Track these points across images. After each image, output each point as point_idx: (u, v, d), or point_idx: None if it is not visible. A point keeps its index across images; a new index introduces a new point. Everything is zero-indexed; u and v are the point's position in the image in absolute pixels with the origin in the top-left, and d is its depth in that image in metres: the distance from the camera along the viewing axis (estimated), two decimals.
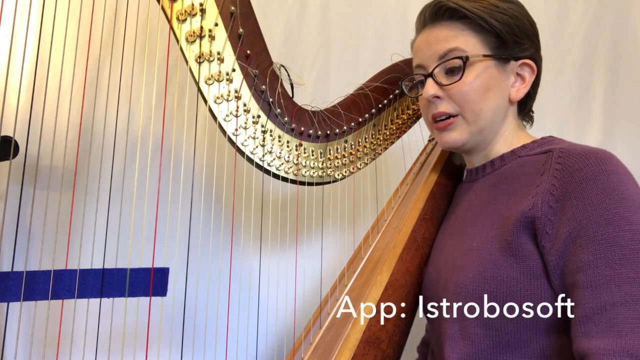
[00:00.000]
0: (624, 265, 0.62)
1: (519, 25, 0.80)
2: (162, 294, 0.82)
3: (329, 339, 0.81)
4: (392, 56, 0.95)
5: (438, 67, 0.80)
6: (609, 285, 0.62)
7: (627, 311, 0.60)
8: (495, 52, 0.79)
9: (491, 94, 0.80)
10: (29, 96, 0.89)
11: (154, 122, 1.05)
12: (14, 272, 0.75)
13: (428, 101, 0.82)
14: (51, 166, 1.12)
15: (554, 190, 0.69)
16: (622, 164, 0.69)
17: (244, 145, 0.87)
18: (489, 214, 0.77)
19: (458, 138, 0.82)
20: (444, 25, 0.81)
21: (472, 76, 0.79)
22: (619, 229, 0.63)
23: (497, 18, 0.79)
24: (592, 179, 0.66)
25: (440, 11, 0.80)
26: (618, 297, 0.61)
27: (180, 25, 0.83)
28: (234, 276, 1.05)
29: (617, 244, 0.63)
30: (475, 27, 0.79)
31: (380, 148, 1.00)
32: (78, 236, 1.04)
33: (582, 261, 0.64)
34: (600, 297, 0.62)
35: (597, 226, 0.64)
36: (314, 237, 1.08)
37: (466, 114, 0.80)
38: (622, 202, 0.64)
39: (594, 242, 0.64)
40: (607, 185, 0.65)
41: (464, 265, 0.74)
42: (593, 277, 0.63)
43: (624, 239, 0.63)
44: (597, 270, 0.63)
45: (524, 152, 0.80)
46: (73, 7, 0.98)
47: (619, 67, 1.45)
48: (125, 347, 0.91)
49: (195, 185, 1.13)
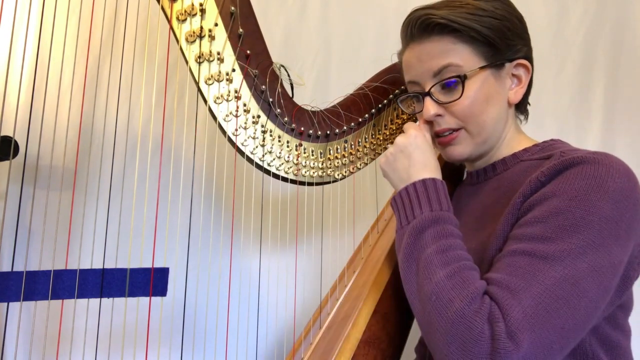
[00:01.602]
0: (557, 231, 0.62)
1: (509, 27, 0.78)
2: (162, 294, 0.82)
3: (329, 339, 0.81)
4: (392, 56, 0.94)
5: (435, 85, 0.78)
6: (532, 240, 0.63)
7: (529, 261, 0.61)
8: (490, 60, 0.77)
9: (492, 103, 0.78)
10: (29, 96, 0.89)
11: (154, 121, 1.05)
12: (14, 272, 0.75)
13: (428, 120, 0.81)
14: (51, 166, 1.13)
15: (541, 176, 0.68)
16: (623, 163, 0.67)
17: (244, 145, 0.87)
18: (490, 218, 0.76)
19: (463, 151, 0.81)
20: (434, 41, 0.77)
21: (472, 90, 0.77)
22: (576, 206, 0.62)
23: (487, 24, 0.76)
24: (581, 165, 0.66)
25: (428, 27, 0.77)
26: (532, 249, 0.62)
27: (180, 25, 0.83)
28: (234, 276, 1.05)
29: (565, 215, 0.62)
30: (467, 39, 0.76)
31: (380, 148, 1.00)
32: (78, 236, 1.04)
33: (525, 220, 0.66)
34: (519, 246, 0.64)
35: (558, 198, 0.64)
36: (314, 237, 1.08)
37: (470, 127, 0.79)
38: (597, 188, 0.63)
39: (546, 208, 0.64)
40: (592, 171, 0.64)
41: None
42: (524, 232, 0.65)
43: (574, 214, 0.62)
44: (532, 227, 0.64)
45: (525, 156, 0.79)
46: (73, 6, 0.98)
47: (619, 67, 1.45)
48: (125, 346, 0.91)
49: (195, 185, 1.13)
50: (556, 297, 0.58)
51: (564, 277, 0.59)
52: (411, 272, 0.70)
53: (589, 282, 0.59)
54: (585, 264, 0.60)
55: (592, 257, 0.60)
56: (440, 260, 0.67)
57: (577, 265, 0.59)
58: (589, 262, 0.60)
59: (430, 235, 0.70)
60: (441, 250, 0.68)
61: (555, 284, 0.59)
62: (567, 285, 0.59)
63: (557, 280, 0.59)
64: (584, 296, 0.59)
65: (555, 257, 0.60)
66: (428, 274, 0.66)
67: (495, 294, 0.61)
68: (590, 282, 0.59)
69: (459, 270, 0.65)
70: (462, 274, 0.65)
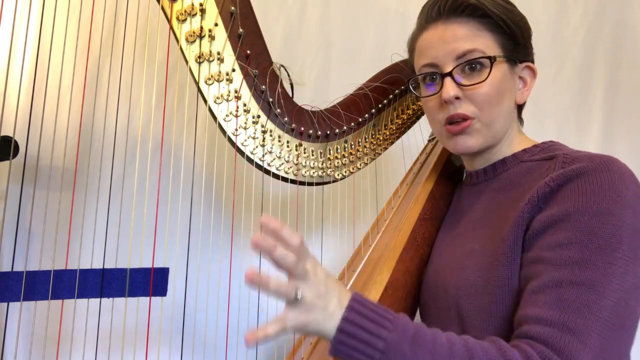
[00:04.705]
0: (595, 254, 0.60)
1: (526, 28, 0.80)
2: (162, 294, 0.82)
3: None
4: (392, 56, 0.94)
5: (457, 67, 0.76)
6: (572, 266, 0.60)
7: (579, 293, 0.58)
8: (509, 54, 0.78)
9: (506, 96, 0.78)
10: (29, 96, 0.89)
11: (154, 122, 1.05)
12: (14, 272, 0.76)
13: (445, 102, 0.77)
14: (51, 166, 1.12)
15: (550, 182, 0.68)
16: (628, 167, 0.68)
17: (244, 145, 0.87)
18: (491, 219, 0.76)
19: (474, 144, 0.79)
20: (462, 23, 0.76)
21: (495, 77, 0.76)
22: (604, 222, 0.61)
23: (513, 20, 0.77)
24: (593, 174, 0.65)
25: (460, 7, 0.76)
26: (577, 278, 0.59)
27: (180, 25, 0.83)
28: (234, 276, 1.05)
29: (596, 234, 0.61)
30: (494, 27, 0.77)
31: (380, 148, 1.00)
32: (78, 236, 1.04)
33: (554, 240, 0.63)
34: (560, 274, 0.60)
35: (582, 215, 0.63)
36: (314, 237, 1.08)
37: (484, 116, 0.77)
38: (617, 199, 0.63)
39: (574, 227, 0.63)
40: (607, 181, 0.64)
41: (464, 268, 0.74)
42: (560, 256, 0.62)
43: (604, 232, 0.61)
44: (567, 251, 0.61)
45: (526, 157, 0.79)
46: (73, 7, 0.98)
47: (619, 67, 1.45)
48: (125, 346, 0.91)
49: (195, 185, 1.13)
50: (615, 325, 0.57)
51: (616, 302, 0.58)
52: None
53: (636, 299, 0.60)
54: (628, 283, 0.59)
55: (633, 273, 0.60)
56: None
57: (623, 285, 0.59)
58: (631, 279, 0.60)
59: (412, 352, 0.57)
60: (438, 353, 0.58)
61: (612, 313, 0.58)
62: (620, 309, 0.58)
63: (612, 308, 0.58)
64: (635, 314, 0.60)
65: (603, 283, 0.58)
66: None
67: (554, 338, 0.56)
68: (636, 298, 0.60)
69: (471, 350, 0.58)
70: (483, 351, 0.58)
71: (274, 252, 0.55)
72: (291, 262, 0.55)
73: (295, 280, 0.57)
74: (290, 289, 0.57)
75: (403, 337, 0.57)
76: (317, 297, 0.58)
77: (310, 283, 0.58)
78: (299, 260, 0.56)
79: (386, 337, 0.57)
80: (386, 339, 0.57)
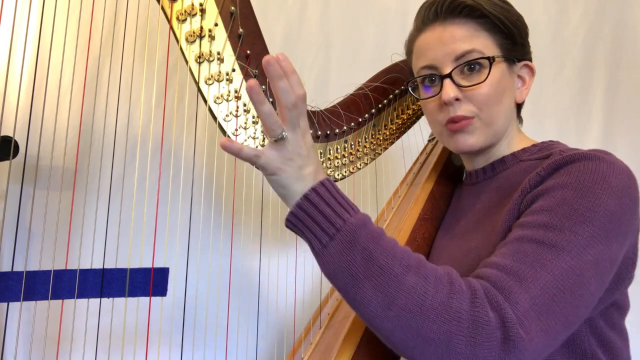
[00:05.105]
0: (564, 220, 0.60)
1: (523, 27, 0.80)
2: (162, 294, 0.82)
3: (330, 338, 0.81)
4: (392, 56, 0.94)
5: (456, 68, 0.76)
6: (538, 227, 0.61)
7: (537, 249, 0.59)
8: (507, 54, 0.78)
9: (506, 95, 0.79)
10: (29, 96, 0.89)
11: (154, 122, 1.05)
12: (14, 272, 0.76)
13: (445, 104, 0.78)
14: (51, 166, 1.13)
15: (541, 171, 0.68)
16: (624, 163, 0.68)
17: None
18: (490, 218, 0.76)
19: (476, 142, 0.79)
20: (459, 24, 0.77)
21: (494, 77, 0.77)
22: (582, 197, 0.62)
23: (510, 19, 0.78)
24: (584, 161, 0.65)
25: (457, 7, 0.77)
26: (540, 237, 0.60)
27: (180, 25, 0.83)
28: (234, 276, 1.05)
29: (571, 205, 0.61)
30: (491, 27, 0.77)
31: (380, 148, 1.00)
32: (78, 236, 1.04)
33: (530, 210, 0.65)
34: (525, 232, 0.62)
35: (563, 189, 0.63)
36: None
37: (484, 115, 0.77)
38: (602, 183, 0.63)
39: (551, 198, 0.63)
40: (597, 168, 0.64)
41: (463, 266, 0.74)
42: (530, 220, 0.63)
43: (580, 205, 0.61)
44: (538, 216, 0.63)
45: (524, 156, 0.79)
46: (73, 7, 0.98)
47: (619, 67, 1.45)
48: (125, 346, 0.91)
49: (195, 185, 1.13)
50: (563, 287, 0.57)
51: (571, 267, 0.58)
52: (365, 290, 0.58)
53: (592, 275, 0.59)
54: (590, 256, 0.59)
55: (596, 250, 0.60)
56: (400, 264, 0.58)
57: (583, 256, 0.59)
58: (593, 254, 0.59)
59: (366, 242, 0.59)
60: (392, 254, 0.59)
61: (563, 274, 0.58)
62: (573, 276, 0.58)
63: (565, 270, 0.58)
64: (587, 288, 0.59)
65: (563, 247, 0.59)
66: (394, 284, 0.57)
67: (500, 279, 0.58)
68: (592, 274, 0.59)
69: (424, 267, 0.59)
70: (434, 272, 0.59)
71: (280, 79, 0.56)
72: (290, 100, 0.57)
73: (285, 124, 0.59)
74: (279, 125, 0.58)
75: (363, 226, 0.60)
76: (297, 154, 0.60)
77: (297, 137, 0.60)
78: (296, 107, 0.57)
79: (347, 218, 0.60)
80: (346, 220, 0.59)
